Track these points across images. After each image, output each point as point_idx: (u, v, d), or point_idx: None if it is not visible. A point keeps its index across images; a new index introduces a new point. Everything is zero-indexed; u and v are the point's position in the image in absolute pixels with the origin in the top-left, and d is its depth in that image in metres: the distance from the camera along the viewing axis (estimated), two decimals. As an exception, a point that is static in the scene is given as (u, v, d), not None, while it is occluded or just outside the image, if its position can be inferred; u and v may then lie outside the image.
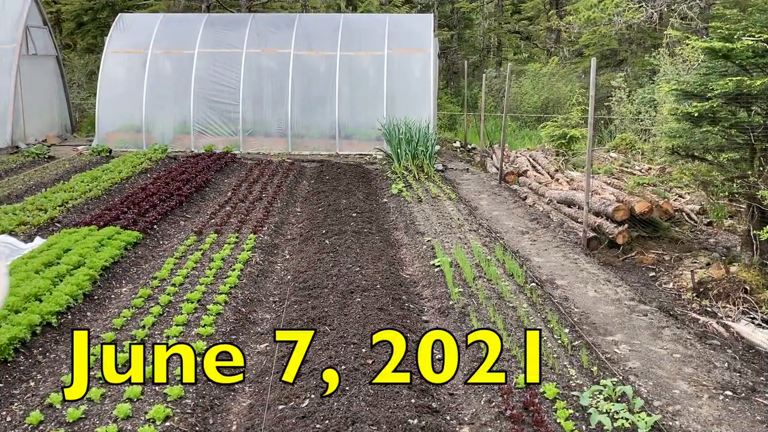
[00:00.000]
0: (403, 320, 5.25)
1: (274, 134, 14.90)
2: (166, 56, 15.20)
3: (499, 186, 11.67)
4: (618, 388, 4.11)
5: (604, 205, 7.96)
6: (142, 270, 6.74)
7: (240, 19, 16.44)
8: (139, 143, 14.79)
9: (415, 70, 14.86)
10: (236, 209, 9.15)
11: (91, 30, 23.79)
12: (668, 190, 9.68)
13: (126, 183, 10.81)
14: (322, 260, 6.81)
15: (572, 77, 21.56)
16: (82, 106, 19.63)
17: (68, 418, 3.77)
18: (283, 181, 11.16)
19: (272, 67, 15.02)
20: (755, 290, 5.75)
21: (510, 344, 4.78)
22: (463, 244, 7.55)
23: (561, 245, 7.84)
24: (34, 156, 13.28)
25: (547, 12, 26.50)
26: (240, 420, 3.98)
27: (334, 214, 8.80)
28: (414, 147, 12.69)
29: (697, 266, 6.75)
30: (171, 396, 4.01)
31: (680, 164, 7.59)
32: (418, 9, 26.15)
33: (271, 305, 5.96)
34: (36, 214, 8.32)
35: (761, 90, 5.62)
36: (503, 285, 6.12)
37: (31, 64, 15.59)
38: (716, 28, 6.14)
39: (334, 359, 4.42)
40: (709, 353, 4.93)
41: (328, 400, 3.89)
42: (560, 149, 13.23)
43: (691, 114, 6.21)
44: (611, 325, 5.44)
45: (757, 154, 6.14)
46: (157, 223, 8.26)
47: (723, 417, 4.01)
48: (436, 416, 3.85)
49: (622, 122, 15.46)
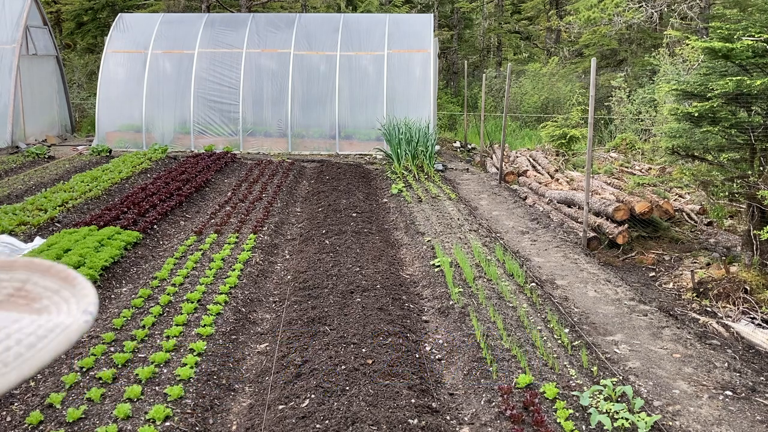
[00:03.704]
0: (403, 320, 5.25)
1: (274, 134, 14.90)
2: (166, 56, 15.20)
3: (499, 186, 11.67)
4: (618, 388, 4.11)
5: (604, 205, 7.96)
6: (142, 270, 6.73)
7: (240, 19, 16.44)
8: (139, 143, 14.79)
9: (415, 70, 14.86)
10: (236, 209, 9.15)
11: (91, 30, 23.80)
12: (668, 190, 9.68)
13: (126, 183, 10.81)
14: (322, 260, 6.81)
15: (572, 77, 21.56)
16: (82, 106, 19.64)
17: (68, 418, 3.76)
18: (283, 181, 11.16)
19: (272, 66, 15.02)
20: (755, 290, 5.75)
21: (510, 344, 4.79)
22: (463, 244, 7.55)
23: (561, 245, 7.84)
24: (34, 156, 13.28)
25: (547, 12, 26.50)
26: (240, 420, 3.98)
27: (334, 214, 8.80)
28: (414, 147, 12.69)
29: (697, 266, 6.75)
30: (171, 396, 4.01)
31: (680, 164, 7.59)
32: (418, 9, 26.14)
33: (271, 305, 5.96)
34: (36, 214, 8.32)
35: (761, 90, 5.62)
36: (503, 285, 6.12)
37: (31, 64, 15.59)
38: (716, 28, 6.14)
39: (334, 359, 4.42)
40: (709, 353, 4.93)
41: (328, 400, 3.89)
42: (560, 149, 13.23)
43: (691, 114, 6.21)
44: (611, 325, 5.44)
45: (757, 154, 6.14)
46: (157, 223, 8.26)
47: (723, 417, 4.01)
48: (436, 416, 3.85)
49: (622, 122, 15.47)
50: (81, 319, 0.47)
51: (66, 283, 0.52)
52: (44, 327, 0.44)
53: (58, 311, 0.50)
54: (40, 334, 0.43)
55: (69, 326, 0.45)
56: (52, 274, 0.53)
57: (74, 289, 0.52)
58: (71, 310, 0.49)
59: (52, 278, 0.53)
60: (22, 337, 0.42)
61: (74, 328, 0.45)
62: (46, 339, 0.43)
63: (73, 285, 0.52)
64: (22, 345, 0.41)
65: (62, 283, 0.53)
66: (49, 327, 0.44)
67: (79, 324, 0.46)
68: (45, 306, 0.51)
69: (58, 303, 0.51)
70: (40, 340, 0.42)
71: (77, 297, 0.50)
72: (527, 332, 5.06)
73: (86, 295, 0.51)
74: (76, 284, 0.52)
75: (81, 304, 0.49)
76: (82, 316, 0.47)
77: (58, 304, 0.51)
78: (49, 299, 0.52)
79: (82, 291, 0.51)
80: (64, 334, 0.44)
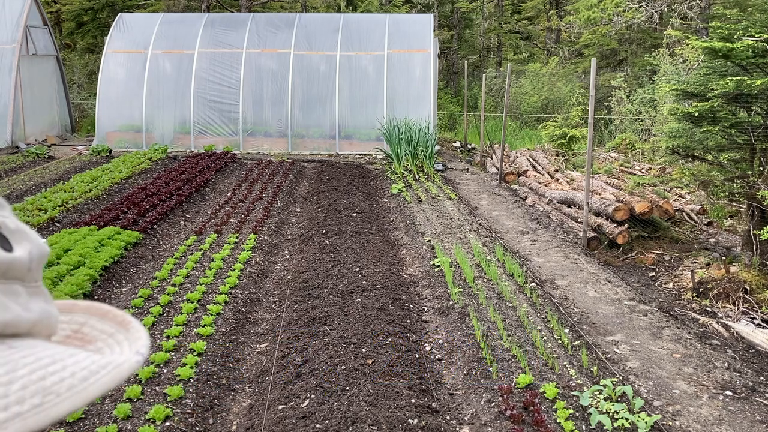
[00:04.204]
0: (403, 320, 5.25)
1: (274, 134, 14.90)
2: (166, 56, 15.20)
3: (499, 186, 11.67)
4: (618, 388, 4.10)
5: (604, 205, 7.96)
6: (142, 270, 6.73)
7: (240, 19, 16.45)
8: (139, 143, 14.79)
9: (415, 70, 14.86)
10: (236, 209, 9.16)
11: (91, 30, 23.80)
12: (668, 190, 9.68)
13: (126, 183, 10.81)
14: (322, 260, 6.81)
15: (572, 77, 21.56)
16: (82, 106, 19.64)
17: (68, 417, 3.77)
18: (283, 181, 11.16)
19: (272, 67, 15.02)
20: (755, 290, 5.75)
21: (510, 344, 4.79)
22: (463, 244, 7.55)
23: (561, 245, 7.83)
24: (34, 156, 13.28)
25: (547, 12, 26.51)
26: (240, 420, 3.98)
27: (334, 214, 8.80)
28: (414, 147, 12.69)
29: (697, 266, 6.75)
30: (171, 396, 4.01)
31: (680, 164, 7.59)
32: (418, 9, 26.15)
33: (271, 305, 5.96)
34: (36, 214, 8.33)
35: (761, 90, 5.62)
36: (503, 285, 6.12)
37: (31, 64, 15.59)
38: (716, 28, 6.14)
39: (334, 359, 4.42)
40: (709, 353, 4.93)
41: (328, 400, 3.89)
42: (560, 149, 13.23)
43: (691, 114, 6.21)
44: (611, 325, 5.44)
45: (757, 154, 6.14)
46: (157, 223, 8.26)
47: (723, 417, 4.01)
48: (436, 416, 3.85)
49: (622, 122, 15.47)
50: (133, 359, 0.49)
51: (121, 327, 0.56)
52: (97, 363, 0.46)
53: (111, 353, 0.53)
54: (93, 369, 0.45)
55: (121, 364, 0.48)
56: (110, 318, 0.56)
57: (128, 333, 0.55)
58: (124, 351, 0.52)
59: (109, 322, 0.56)
60: (76, 370, 0.44)
61: (125, 366, 0.48)
62: (98, 374, 0.45)
63: (128, 329, 0.55)
64: (76, 378, 0.44)
65: (118, 327, 0.56)
66: (102, 364, 0.46)
67: (130, 363, 0.49)
68: (99, 348, 0.54)
69: (112, 345, 0.54)
70: (93, 374, 0.45)
71: (130, 340, 0.54)
72: (527, 332, 5.06)
73: (139, 338, 0.54)
74: (131, 328, 0.55)
75: (133, 347, 0.52)
76: (134, 356, 0.50)
77: (112, 346, 0.54)
78: (104, 342, 0.55)
79: (136, 335, 0.54)
80: (115, 371, 0.47)
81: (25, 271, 0.49)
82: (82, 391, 0.43)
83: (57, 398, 0.42)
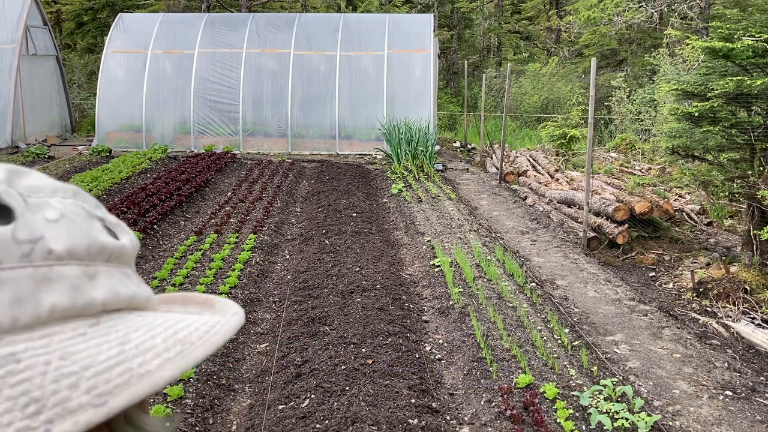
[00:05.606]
0: (403, 320, 5.25)
1: (274, 134, 14.90)
2: (166, 56, 15.20)
3: (499, 186, 11.67)
4: (618, 388, 4.11)
5: (604, 205, 7.96)
6: (141, 270, 6.73)
7: (240, 19, 16.45)
8: (139, 143, 14.79)
9: (415, 70, 14.86)
10: (236, 209, 9.16)
11: (91, 30, 23.81)
12: (668, 190, 9.68)
13: (126, 183, 10.81)
14: (322, 260, 6.81)
15: (572, 77, 21.57)
16: (82, 106, 19.64)
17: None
18: (283, 181, 11.16)
19: (272, 67, 15.02)
20: (755, 290, 5.75)
21: (510, 344, 4.79)
22: (463, 244, 7.55)
23: (561, 245, 7.84)
24: (34, 156, 13.28)
25: (547, 12, 26.51)
26: (240, 420, 3.98)
27: (334, 214, 8.80)
28: (414, 147, 12.69)
29: (697, 266, 6.75)
30: (171, 396, 4.02)
31: (680, 164, 7.60)
32: (418, 9, 26.15)
33: (271, 305, 5.96)
34: (36, 214, 8.32)
35: (761, 90, 5.62)
36: (503, 285, 6.12)
37: (31, 64, 15.59)
38: (716, 28, 6.14)
39: (334, 359, 4.42)
40: (709, 353, 4.93)
41: (328, 400, 3.89)
42: (560, 149, 13.24)
43: (691, 114, 6.21)
44: (611, 325, 5.44)
45: (757, 154, 6.14)
46: (157, 223, 8.26)
47: (723, 417, 4.01)
48: (436, 416, 3.85)
49: (622, 122, 15.47)
50: (233, 318, 0.55)
51: (206, 306, 0.60)
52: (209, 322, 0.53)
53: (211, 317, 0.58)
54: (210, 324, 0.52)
55: (228, 321, 0.54)
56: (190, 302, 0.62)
57: (214, 308, 0.59)
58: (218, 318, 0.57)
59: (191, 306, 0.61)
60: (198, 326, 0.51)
61: (233, 321, 0.54)
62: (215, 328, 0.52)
63: (213, 306, 0.60)
64: (200, 331, 0.51)
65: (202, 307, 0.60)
66: (212, 322, 0.53)
67: (234, 319, 0.55)
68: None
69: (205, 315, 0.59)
70: (211, 328, 0.52)
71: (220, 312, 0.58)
72: (527, 332, 5.06)
73: (229, 307, 0.58)
74: (215, 304, 0.60)
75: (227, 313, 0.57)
76: (232, 317, 0.55)
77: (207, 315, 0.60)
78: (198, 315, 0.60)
79: (223, 307, 0.59)
80: (226, 326, 0.53)
81: (129, 257, 0.55)
82: (209, 340, 0.50)
83: (191, 347, 0.49)
